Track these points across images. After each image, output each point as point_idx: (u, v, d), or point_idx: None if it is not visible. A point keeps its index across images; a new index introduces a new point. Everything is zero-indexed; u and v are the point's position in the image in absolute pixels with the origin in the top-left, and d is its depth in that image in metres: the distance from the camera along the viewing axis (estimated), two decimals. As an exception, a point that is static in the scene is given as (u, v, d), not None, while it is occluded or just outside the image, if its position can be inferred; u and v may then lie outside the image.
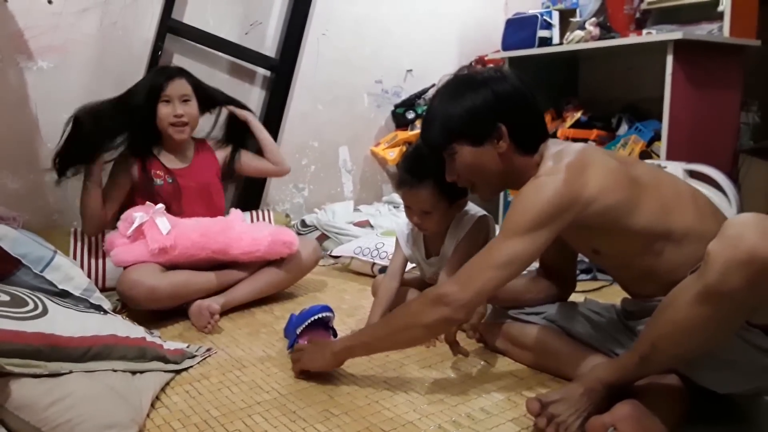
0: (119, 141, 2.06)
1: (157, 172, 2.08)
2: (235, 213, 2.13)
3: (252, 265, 2.01)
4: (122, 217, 1.94)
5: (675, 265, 1.19)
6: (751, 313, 1.04)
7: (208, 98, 2.20)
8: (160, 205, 1.93)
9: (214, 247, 1.92)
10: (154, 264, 1.84)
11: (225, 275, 1.97)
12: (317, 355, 1.41)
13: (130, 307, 1.83)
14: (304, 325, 1.56)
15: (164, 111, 2.03)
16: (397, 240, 1.85)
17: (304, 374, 1.44)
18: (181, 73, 2.11)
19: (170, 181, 2.08)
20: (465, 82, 1.33)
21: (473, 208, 1.75)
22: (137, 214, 1.89)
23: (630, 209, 1.21)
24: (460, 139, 1.32)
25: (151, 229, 1.86)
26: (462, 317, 1.27)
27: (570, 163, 1.23)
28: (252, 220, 2.51)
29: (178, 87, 2.06)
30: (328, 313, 1.58)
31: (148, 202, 1.95)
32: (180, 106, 2.04)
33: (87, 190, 2.01)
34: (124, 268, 1.84)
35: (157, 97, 2.03)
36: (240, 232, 2.00)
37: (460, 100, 1.31)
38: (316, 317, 1.55)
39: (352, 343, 1.38)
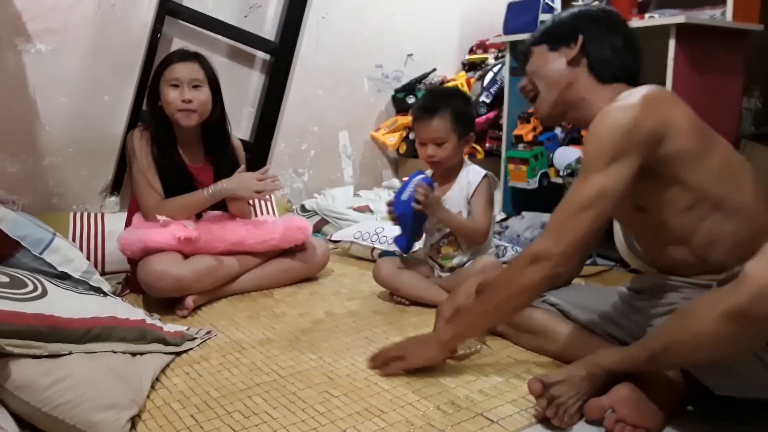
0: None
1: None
2: None
3: (269, 253, 2.03)
4: (137, 217, 1.93)
5: (711, 239, 1.17)
6: None
7: (219, 98, 1.99)
8: None
9: (233, 239, 1.93)
10: (176, 253, 1.83)
11: (246, 260, 1.98)
12: (422, 349, 1.37)
13: (153, 296, 1.82)
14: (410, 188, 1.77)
15: (172, 95, 1.88)
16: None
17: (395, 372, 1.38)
18: (196, 57, 1.94)
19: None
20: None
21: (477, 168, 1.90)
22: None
23: (695, 160, 1.16)
24: (540, 41, 1.33)
25: (176, 226, 1.86)
26: (563, 268, 1.22)
27: (650, 94, 1.18)
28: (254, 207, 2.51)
29: (189, 70, 1.89)
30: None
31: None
32: (189, 91, 1.88)
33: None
34: (139, 260, 1.82)
35: (159, 77, 1.90)
36: (254, 221, 2.03)
37: (555, 13, 1.36)
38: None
39: (459, 329, 1.34)
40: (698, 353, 1.03)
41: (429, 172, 1.91)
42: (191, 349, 1.53)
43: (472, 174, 1.86)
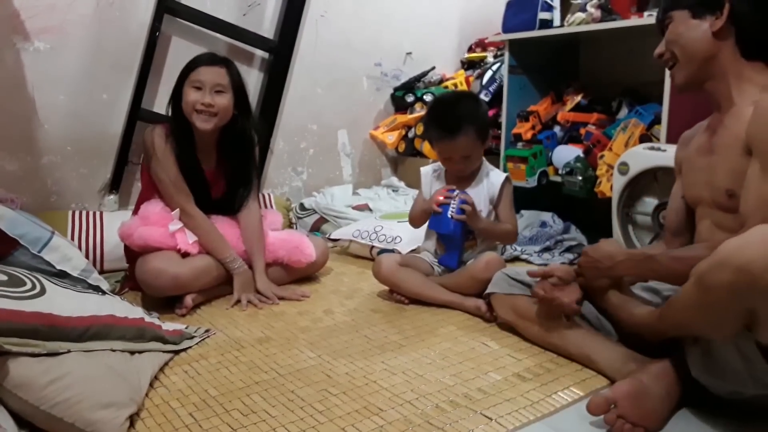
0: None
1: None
2: None
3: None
4: (145, 206, 1.90)
5: None
6: (749, 322, 0.98)
7: (245, 105, 1.97)
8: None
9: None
10: (172, 252, 1.83)
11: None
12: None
13: (151, 295, 1.81)
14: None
15: (192, 96, 1.83)
16: (421, 189, 1.99)
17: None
18: (224, 62, 1.91)
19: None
20: None
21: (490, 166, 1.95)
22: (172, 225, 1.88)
23: None
24: (681, 6, 1.25)
25: (180, 234, 1.86)
26: None
27: None
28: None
29: (214, 75, 1.86)
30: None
31: (169, 209, 1.90)
32: (210, 95, 1.84)
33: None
34: (140, 254, 1.82)
35: (184, 78, 1.87)
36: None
37: None
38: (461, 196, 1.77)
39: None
40: (681, 312, 1.10)
41: (436, 166, 1.98)
42: (190, 347, 1.53)
43: (492, 175, 1.91)
